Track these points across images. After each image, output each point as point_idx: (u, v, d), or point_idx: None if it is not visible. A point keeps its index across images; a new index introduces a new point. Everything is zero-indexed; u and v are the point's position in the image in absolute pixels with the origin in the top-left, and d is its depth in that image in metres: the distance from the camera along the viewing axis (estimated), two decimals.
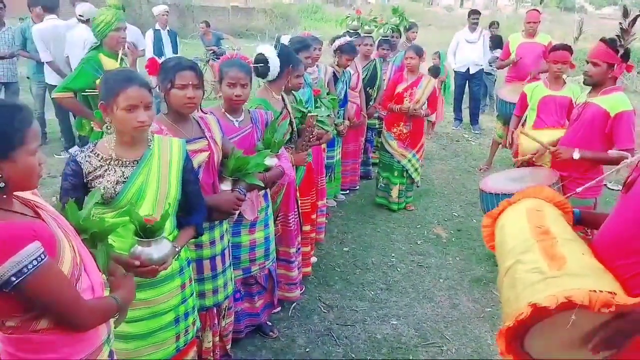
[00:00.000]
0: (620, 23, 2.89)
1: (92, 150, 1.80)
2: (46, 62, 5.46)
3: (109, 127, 1.78)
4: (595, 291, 1.30)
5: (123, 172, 1.79)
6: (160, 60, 2.11)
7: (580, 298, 1.28)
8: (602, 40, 3.00)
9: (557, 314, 1.32)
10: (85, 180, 1.76)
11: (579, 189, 2.19)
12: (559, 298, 1.30)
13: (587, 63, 3.07)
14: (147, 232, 1.66)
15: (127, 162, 1.80)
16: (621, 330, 1.32)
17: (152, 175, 1.82)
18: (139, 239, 1.67)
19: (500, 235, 1.87)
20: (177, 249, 1.85)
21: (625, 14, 2.85)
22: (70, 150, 5.66)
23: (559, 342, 1.44)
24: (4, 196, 1.25)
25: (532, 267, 1.49)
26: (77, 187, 1.76)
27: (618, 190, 5.34)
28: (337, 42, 4.37)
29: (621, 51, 2.91)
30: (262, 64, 2.71)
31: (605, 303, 1.27)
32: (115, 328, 1.55)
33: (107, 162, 1.78)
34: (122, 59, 3.60)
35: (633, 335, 1.34)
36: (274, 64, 2.75)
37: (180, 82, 2.02)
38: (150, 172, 1.82)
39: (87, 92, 3.34)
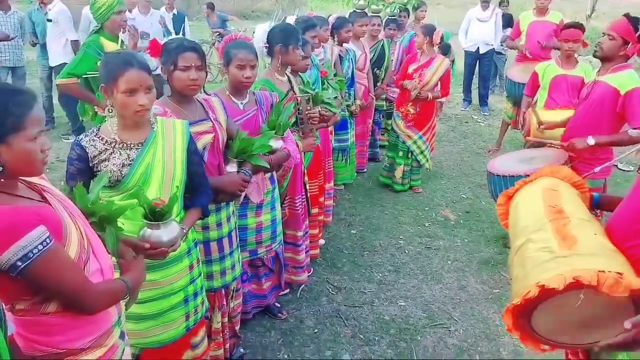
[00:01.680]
0: None
1: (96, 134, 1.79)
2: (72, 41, 5.52)
3: (110, 110, 1.77)
4: (603, 272, 1.29)
5: (128, 155, 1.78)
6: (162, 42, 2.09)
7: (588, 278, 1.28)
8: (626, 15, 2.94)
9: (564, 293, 1.32)
10: (90, 164, 1.76)
11: (596, 169, 2.18)
12: (566, 278, 1.30)
13: (603, 35, 3.00)
14: (156, 215, 1.67)
15: (132, 145, 1.80)
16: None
17: (157, 157, 1.82)
18: (148, 222, 1.67)
19: (514, 213, 1.87)
20: (184, 230, 1.86)
21: None
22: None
23: (567, 320, 1.44)
24: (2, 180, 1.23)
25: (542, 245, 1.49)
26: (82, 171, 1.76)
27: (629, 171, 5.31)
28: (330, 22, 4.29)
29: (639, 31, 2.84)
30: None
31: (612, 284, 1.27)
32: (126, 310, 1.56)
33: (112, 145, 1.78)
34: (122, 42, 3.58)
35: None
36: (257, 40, 2.72)
37: (183, 63, 2.00)
38: (155, 154, 1.82)
39: (89, 74, 3.33)
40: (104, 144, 1.77)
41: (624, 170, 5.42)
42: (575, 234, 1.47)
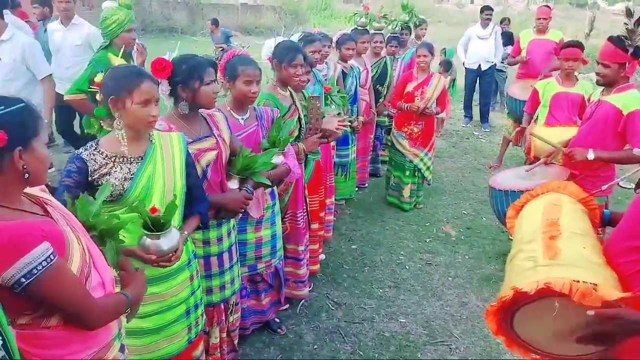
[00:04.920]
0: (625, 24, 2.84)
1: (96, 148, 1.80)
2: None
3: (119, 123, 1.77)
4: (578, 281, 1.32)
5: (129, 169, 1.79)
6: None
7: (559, 286, 1.32)
8: (610, 40, 2.95)
9: (538, 299, 1.38)
10: (90, 178, 1.76)
11: (604, 187, 2.21)
12: (539, 284, 1.35)
13: (598, 64, 3.03)
14: (157, 225, 1.68)
15: (132, 159, 1.81)
16: (606, 332, 1.33)
17: (157, 170, 1.84)
18: (148, 232, 1.68)
19: (517, 226, 1.92)
20: (185, 234, 1.89)
21: (629, 14, 2.81)
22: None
23: (549, 330, 1.48)
24: (23, 188, 1.27)
25: (529, 255, 1.56)
26: (80, 184, 1.74)
27: (630, 188, 5.30)
28: (334, 38, 4.34)
29: (631, 50, 2.86)
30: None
31: (584, 293, 1.30)
32: (127, 323, 1.55)
33: (112, 159, 1.79)
34: (130, 59, 3.61)
35: (619, 337, 1.34)
36: (264, 54, 2.82)
37: (208, 78, 2.07)
38: (155, 167, 1.84)
39: (91, 88, 3.35)
40: (104, 158, 1.78)
41: (625, 188, 5.42)
42: (561, 246, 1.51)
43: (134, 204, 1.74)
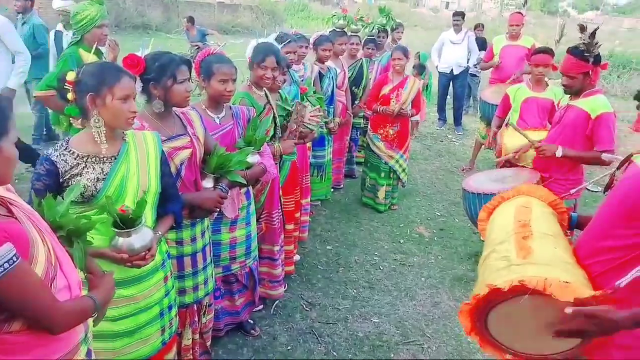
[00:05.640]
0: (581, 38, 2.94)
1: (66, 148, 1.74)
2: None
3: (97, 120, 1.71)
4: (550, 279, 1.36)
5: (102, 169, 1.75)
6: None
7: (533, 283, 1.35)
8: (570, 53, 3.03)
9: (512, 297, 1.40)
10: (61, 180, 1.70)
11: (572, 190, 2.27)
12: (513, 281, 1.38)
13: (563, 76, 3.11)
14: (127, 222, 1.64)
15: (105, 158, 1.76)
16: (582, 330, 1.36)
17: (131, 170, 1.80)
18: (118, 230, 1.64)
19: (489, 228, 1.95)
20: (158, 234, 1.85)
21: (583, 29, 2.92)
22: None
23: (522, 330, 1.50)
24: None
25: (502, 255, 1.59)
26: (51, 187, 1.68)
27: (597, 192, 5.48)
28: (311, 39, 4.35)
29: (591, 59, 2.95)
30: None
31: (557, 290, 1.33)
32: (94, 327, 1.51)
33: (84, 159, 1.73)
34: (101, 54, 3.53)
35: (594, 335, 1.37)
36: (248, 51, 2.86)
37: (182, 77, 2.04)
38: (129, 167, 1.80)
39: (66, 86, 3.27)
40: (75, 159, 1.72)
41: (592, 192, 5.59)
42: (533, 246, 1.55)
43: (101, 202, 1.70)
